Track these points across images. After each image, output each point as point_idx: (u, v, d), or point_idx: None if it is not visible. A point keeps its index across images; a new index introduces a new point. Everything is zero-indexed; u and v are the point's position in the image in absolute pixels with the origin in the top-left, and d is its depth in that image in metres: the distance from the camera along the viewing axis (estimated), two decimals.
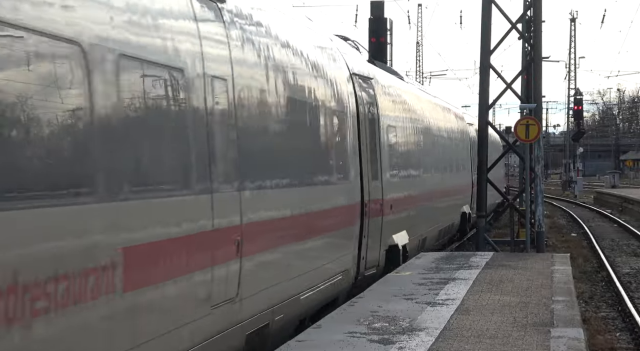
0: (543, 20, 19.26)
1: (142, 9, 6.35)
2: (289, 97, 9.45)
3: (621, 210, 43.84)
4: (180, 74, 6.81)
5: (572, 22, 77.32)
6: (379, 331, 9.07)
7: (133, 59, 6.09)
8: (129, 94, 6.02)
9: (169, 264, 6.50)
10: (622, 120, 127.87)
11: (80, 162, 5.41)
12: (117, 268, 5.72)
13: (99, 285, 5.53)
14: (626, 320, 15.20)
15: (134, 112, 6.11)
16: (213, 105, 7.39)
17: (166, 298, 6.47)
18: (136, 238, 6.03)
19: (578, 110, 63.31)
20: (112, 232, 5.71)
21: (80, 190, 5.39)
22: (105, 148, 5.63)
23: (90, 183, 5.50)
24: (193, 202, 6.96)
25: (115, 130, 5.78)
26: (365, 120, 13.41)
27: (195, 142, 7.01)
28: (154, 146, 6.38)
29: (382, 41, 26.79)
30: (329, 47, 12.25)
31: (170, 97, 6.70)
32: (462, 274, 13.65)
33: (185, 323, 6.76)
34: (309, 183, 10.26)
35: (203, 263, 7.07)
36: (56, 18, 5.24)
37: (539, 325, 9.47)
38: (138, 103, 6.18)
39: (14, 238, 4.78)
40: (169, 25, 6.76)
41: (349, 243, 12.31)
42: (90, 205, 5.48)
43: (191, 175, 6.94)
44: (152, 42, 6.43)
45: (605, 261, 22.55)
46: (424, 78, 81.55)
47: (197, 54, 7.18)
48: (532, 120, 17.61)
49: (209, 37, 7.51)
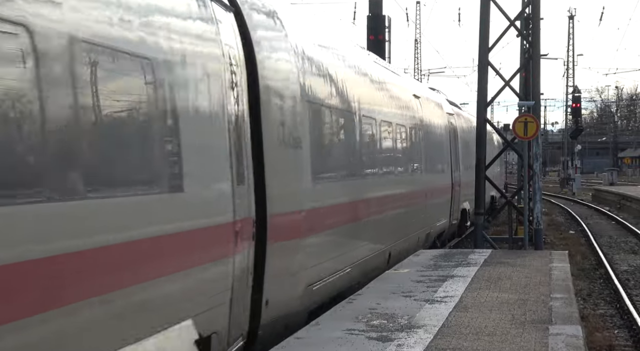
0: (541, 18, 19.25)
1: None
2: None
3: (619, 208, 43.86)
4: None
5: (570, 19, 77.42)
6: (378, 328, 9.07)
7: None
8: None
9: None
10: (620, 118, 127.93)
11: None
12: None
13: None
14: (624, 317, 15.21)
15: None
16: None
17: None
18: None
19: (576, 107, 63.33)
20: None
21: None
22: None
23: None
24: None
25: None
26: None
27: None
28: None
29: (380, 38, 26.80)
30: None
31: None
32: (461, 271, 13.65)
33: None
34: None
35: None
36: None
37: (537, 322, 9.47)
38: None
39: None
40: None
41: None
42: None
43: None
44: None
45: (603, 258, 22.56)
46: (423, 75, 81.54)
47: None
48: (531, 118, 17.61)
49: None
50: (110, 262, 5.65)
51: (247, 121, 8.40)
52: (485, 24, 18.57)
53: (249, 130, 8.43)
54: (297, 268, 9.83)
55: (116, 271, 5.74)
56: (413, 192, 17.63)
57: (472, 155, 24.65)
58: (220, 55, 7.70)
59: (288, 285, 9.53)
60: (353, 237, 12.63)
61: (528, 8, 19.63)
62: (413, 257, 15.84)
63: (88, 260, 5.40)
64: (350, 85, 12.72)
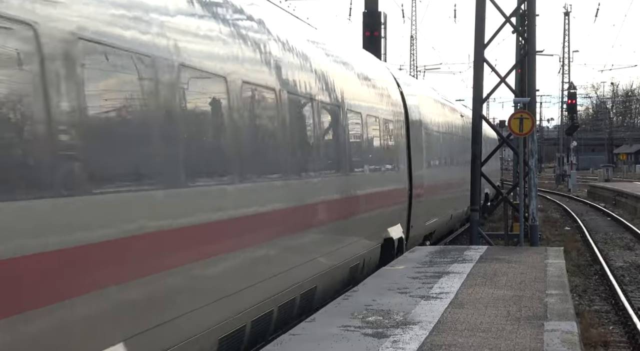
0: (537, 14, 19.28)
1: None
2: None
3: (615, 204, 43.93)
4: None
5: (566, 16, 77.44)
6: (373, 325, 9.09)
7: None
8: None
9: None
10: (615, 114, 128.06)
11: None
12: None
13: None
14: (619, 314, 15.25)
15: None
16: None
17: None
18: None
19: (572, 104, 63.38)
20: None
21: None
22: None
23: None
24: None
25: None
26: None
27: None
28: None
29: (375, 35, 26.80)
30: None
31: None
32: (456, 268, 13.67)
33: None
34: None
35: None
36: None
37: (532, 318, 9.49)
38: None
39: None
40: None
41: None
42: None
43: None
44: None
45: (598, 254, 22.60)
46: (419, 72, 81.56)
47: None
48: (526, 114, 17.63)
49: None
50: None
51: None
52: (481, 20, 18.57)
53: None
54: (421, 213, 18.02)
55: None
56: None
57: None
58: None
59: (419, 219, 17.85)
60: (441, 202, 21.28)
61: (524, 4, 19.64)
62: (409, 253, 15.86)
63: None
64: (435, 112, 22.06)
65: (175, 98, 7.12)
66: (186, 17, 7.67)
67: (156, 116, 6.78)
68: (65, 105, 5.61)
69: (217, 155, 8.05)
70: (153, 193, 6.66)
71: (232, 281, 8.29)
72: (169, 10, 7.32)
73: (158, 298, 6.69)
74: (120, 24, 6.39)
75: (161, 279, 6.72)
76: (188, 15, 7.73)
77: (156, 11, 7.05)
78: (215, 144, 8.04)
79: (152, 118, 6.72)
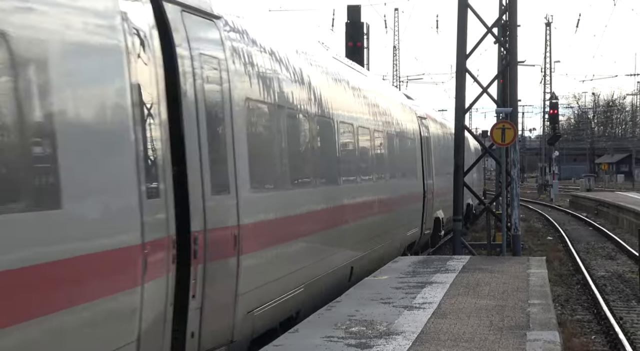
0: (518, 25, 19.40)
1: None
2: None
3: (596, 214, 44.12)
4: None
5: (547, 26, 77.88)
6: (357, 335, 9.08)
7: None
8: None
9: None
10: (597, 124, 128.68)
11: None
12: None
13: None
14: (601, 323, 15.30)
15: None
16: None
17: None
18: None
19: (554, 114, 63.73)
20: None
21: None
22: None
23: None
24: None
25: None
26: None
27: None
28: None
29: (358, 45, 26.86)
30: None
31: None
32: (439, 278, 13.69)
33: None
34: None
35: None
36: None
37: (515, 328, 9.51)
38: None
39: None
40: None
41: None
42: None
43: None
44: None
45: (580, 264, 22.69)
46: (401, 82, 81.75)
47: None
48: (508, 124, 17.70)
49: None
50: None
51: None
52: (463, 31, 18.66)
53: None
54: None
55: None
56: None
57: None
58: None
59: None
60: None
61: (505, 15, 19.75)
62: (392, 263, 15.86)
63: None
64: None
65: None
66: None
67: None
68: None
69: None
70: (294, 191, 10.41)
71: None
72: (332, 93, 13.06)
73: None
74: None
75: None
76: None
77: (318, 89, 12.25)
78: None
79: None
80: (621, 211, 38.31)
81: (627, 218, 35.85)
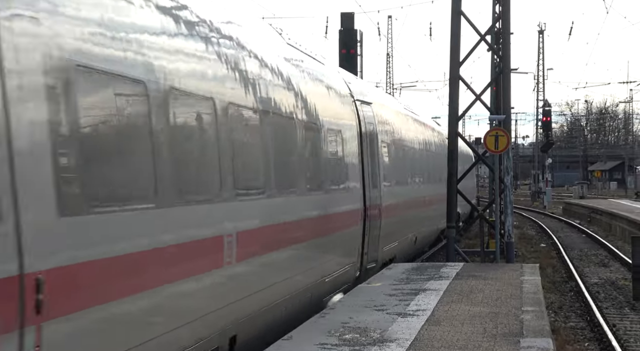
0: (512, 32, 19.42)
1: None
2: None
3: (589, 221, 44.18)
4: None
5: (540, 34, 78.00)
6: (350, 342, 9.08)
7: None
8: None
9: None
10: (590, 131, 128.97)
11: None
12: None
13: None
14: (594, 330, 15.31)
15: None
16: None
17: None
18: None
19: (547, 121, 63.79)
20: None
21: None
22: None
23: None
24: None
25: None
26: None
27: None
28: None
29: (352, 53, 26.92)
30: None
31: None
32: (433, 285, 13.69)
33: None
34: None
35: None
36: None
37: (508, 335, 9.52)
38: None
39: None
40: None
41: None
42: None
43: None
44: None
45: (574, 271, 22.72)
46: (395, 89, 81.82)
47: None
48: (501, 131, 17.73)
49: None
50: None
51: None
52: (456, 38, 18.69)
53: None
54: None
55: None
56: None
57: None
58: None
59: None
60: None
61: (498, 23, 19.79)
62: (385, 270, 15.87)
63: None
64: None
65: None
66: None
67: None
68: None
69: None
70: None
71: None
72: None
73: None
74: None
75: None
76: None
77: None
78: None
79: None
80: (614, 218, 38.37)
81: (620, 226, 35.91)
